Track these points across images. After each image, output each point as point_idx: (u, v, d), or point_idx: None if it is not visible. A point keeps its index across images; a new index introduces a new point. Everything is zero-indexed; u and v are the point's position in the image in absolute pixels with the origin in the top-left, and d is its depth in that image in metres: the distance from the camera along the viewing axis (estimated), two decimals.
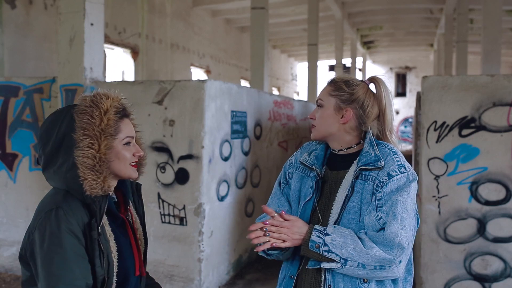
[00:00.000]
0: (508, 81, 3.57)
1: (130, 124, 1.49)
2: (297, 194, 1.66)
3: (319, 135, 1.65)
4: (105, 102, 1.40)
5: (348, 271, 1.46)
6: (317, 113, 1.65)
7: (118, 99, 1.45)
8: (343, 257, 1.44)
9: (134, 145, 1.49)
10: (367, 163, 1.53)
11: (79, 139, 1.36)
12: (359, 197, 1.52)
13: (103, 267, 1.36)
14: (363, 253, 1.44)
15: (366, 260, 1.44)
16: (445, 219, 3.68)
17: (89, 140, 1.36)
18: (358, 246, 1.44)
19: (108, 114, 1.39)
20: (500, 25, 7.15)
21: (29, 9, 7.22)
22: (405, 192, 1.49)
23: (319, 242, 1.45)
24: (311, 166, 1.64)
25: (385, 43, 20.18)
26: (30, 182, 4.74)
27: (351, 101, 1.60)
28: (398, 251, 1.44)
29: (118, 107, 1.43)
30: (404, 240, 1.45)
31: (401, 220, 1.45)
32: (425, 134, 3.70)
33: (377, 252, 1.44)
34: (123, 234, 1.49)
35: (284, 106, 6.26)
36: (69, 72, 4.36)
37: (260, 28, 7.84)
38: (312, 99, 11.99)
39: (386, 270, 1.46)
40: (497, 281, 3.62)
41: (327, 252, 1.44)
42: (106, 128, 1.38)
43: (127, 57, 9.89)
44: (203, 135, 3.99)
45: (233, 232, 4.74)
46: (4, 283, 4.49)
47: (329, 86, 1.66)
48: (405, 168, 1.52)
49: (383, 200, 1.48)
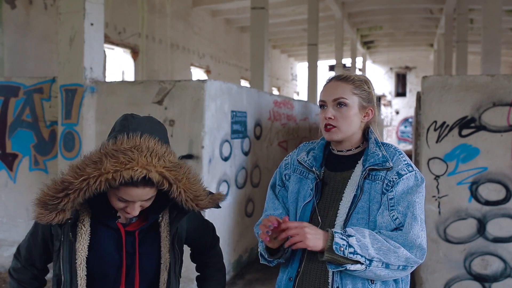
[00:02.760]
0: (508, 81, 3.56)
1: (136, 191, 1.33)
2: (295, 196, 1.64)
3: (342, 135, 1.58)
4: (108, 167, 1.27)
5: (370, 272, 1.42)
6: (338, 113, 1.56)
7: (131, 169, 1.28)
8: (368, 258, 1.40)
9: (131, 205, 1.37)
10: (376, 163, 1.53)
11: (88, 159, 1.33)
12: (367, 197, 1.51)
13: (59, 265, 1.43)
14: (391, 252, 1.42)
15: (392, 260, 1.42)
16: (445, 219, 3.68)
17: (63, 180, 1.31)
18: (384, 245, 1.42)
19: (101, 177, 1.27)
20: (500, 25, 7.16)
21: (29, 9, 7.22)
22: (419, 193, 1.50)
23: (343, 244, 1.40)
24: (310, 168, 1.62)
25: (385, 43, 20.17)
26: (30, 182, 4.74)
27: (369, 100, 1.61)
28: (418, 252, 1.45)
29: (123, 177, 1.27)
30: (424, 241, 1.47)
31: (421, 221, 1.47)
32: (425, 134, 3.70)
33: (404, 252, 1.43)
34: (113, 242, 1.46)
35: (284, 106, 6.26)
36: (69, 72, 4.36)
37: (260, 28, 7.84)
38: (312, 99, 11.98)
39: (407, 270, 1.46)
40: (497, 281, 3.62)
41: (352, 254, 1.40)
42: (84, 186, 1.28)
43: (127, 57, 9.89)
44: (203, 135, 3.99)
45: (233, 232, 4.74)
46: (4, 283, 4.49)
47: (346, 83, 1.58)
48: (412, 167, 1.54)
49: (395, 199, 1.48)
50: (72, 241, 1.41)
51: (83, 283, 1.42)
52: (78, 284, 1.41)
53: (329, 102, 1.58)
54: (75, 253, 1.41)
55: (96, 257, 1.44)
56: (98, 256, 1.44)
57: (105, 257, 1.45)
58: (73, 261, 1.41)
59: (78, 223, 1.43)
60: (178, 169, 1.37)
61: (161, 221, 1.52)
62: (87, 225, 1.44)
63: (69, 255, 1.41)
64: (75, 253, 1.41)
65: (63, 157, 4.38)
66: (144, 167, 1.29)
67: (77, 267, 1.41)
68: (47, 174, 4.68)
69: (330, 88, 1.60)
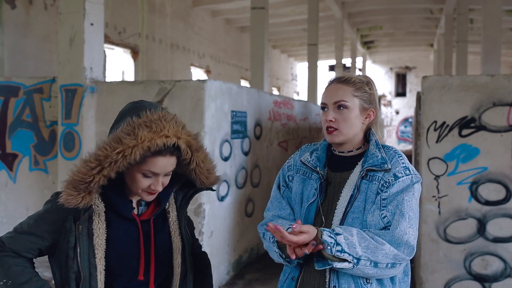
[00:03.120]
0: (508, 81, 3.57)
1: (164, 161, 1.38)
2: (299, 196, 1.65)
3: (343, 138, 1.58)
4: (144, 135, 1.31)
5: (358, 270, 1.43)
6: (339, 115, 1.57)
7: (173, 137, 1.34)
8: (356, 257, 1.41)
9: (155, 180, 1.40)
10: (374, 165, 1.54)
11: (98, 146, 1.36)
12: (363, 197, 1.52)
13: (77, 261, 1.39)
14: (378, 250, 1.42)
15: (380, 258, 1.42)
16: (445, 219, 3.68)
17: (97, 156, 1.33)
18: (371, 243, 1.43)
19: (137, 149, 1.31)
20: (500, 25, 7.16)
21: (29, 9, 7.22)
22: (410, 192, 1.51)
23: (330, 242, 1.40)
24: (314, 168, 1.63)
25: (385, 43, 20.17)
26: (30, 182, 4.74)
27: (371, 101, 1.61)
28: (405, 249, 1.45)
29: (156, 145, 1.32)
30: (412, 238, 1.46)
31: (409, 219, 1.47)
32: (425, 134, 3.70)
33: (390, 249, 1.43)
34: (130, 235, 1.47)
35: (284, 106, 6.26)
36: (69, 72, 4.36)
37: (260, 28, 7.84)
38: (312, 99, 11.99)
39: (396, 268, 1.46)
40: (497, 281, 3.62)
41: (339, 252, 1.40)
42: (120, 158, 1.31)
43: (127, 57, 9.89)
44: (203, 135, 3.99)
45: (233, 232, 4.74)
46: None
47: (346, 85, 1.59)
48: (410, 171, 1.54)
49: (388, 200, 1.49)
50: (90, 236, 1.40)
51: (102, 278, 1.41)
52: (97, 279, 1.40)
53: (330, 104, 1.59)
54: (93, 248, 1.40)
55: (116, 251, 1.44)
56: (117, 250, 1.44)
57: (125, 249, 1.45)
58: (92, 256, 1.40)
59: (94, 217, 1.42)
60: (197, 138, 1.46)
61: (168, 207, 1.55)
62: (103, 219, 1.43)
63: (88, 250, 1.40)
64: (94, 248, 1.40)
65: (63, 157, 4.38)
66: (175, 135, 1.36)
67: (97, 262, 1.40)
68: (47, 174, 4.68)
69: (331, 91, 1.61)
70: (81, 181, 1.33)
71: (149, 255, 1.48)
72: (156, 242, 1.50)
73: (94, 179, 1.33)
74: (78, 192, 1.34)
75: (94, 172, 1.32)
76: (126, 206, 1.46)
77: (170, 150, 1.37)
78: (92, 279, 1.40)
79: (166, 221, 1.55)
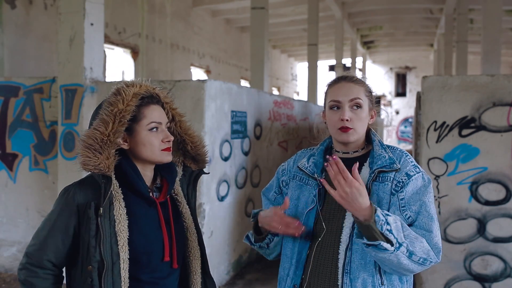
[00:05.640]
0: (508, 81, 3.57)
1: (158, 110, 1.50)
2: (294, 203, 1.62)
3: (357, 137, 1.57)
4: (126, 90, 1.44)
5: (395, 257, 1.39)
6: (354, 114, 1.54)
7: (145, 87, 1.48)
8: (399, 241, 1.39)
9: (163, 131, 1.49)
10: (384, 165, 1.54)
11: (94, 123, 1.43)
12: (375, 198, 1.51)
13: (100, 248, 1.37)
14: (417, 241, 1.43)
15: (417, 250, 1.42)
16: (445, 219, 3.68)
17: (99, 122, 1.41)
18: (411, 233, 1.44)
19: (126, 101, 1.41)
20: (500, 25, 7.16)
21: (29, 9, 7.22)
22: (430, 193, 1.53)
23: (382, 219, 1.38)
24: (311, 174, 1.61)
25: (385, 43, 20.17)
26: (30, 182, 4.74)
27: (373, 102, 1.64)
28: (435, 250, 1.47)
29: (143, 94, 1.46)
30: (440, 241, 1.48)
31: (437, 221, 1.50)
32: (425, 134, 3.70)
33: (426, 244, 1.45)
34: (151, 219, 1.48)
35: (284, 106, 6.26)
36: (69, 72, 4.36)
37: (260, 28, 7.84)
38: (312, 99, 11.99)
39: (424, 265, 1.46)
40: (497, 281, 3.62)
41: (389, 232, 1.38)
42: (120, 113, 1.40)
43: (127, 57, 9.89)
44: (203, 135, 3.99)
45: (233, 232, 4.74)
46: (4, 283, 4.49)
47: (359, 85, 1.59)
48: (419, 169, 1.56)
49: (405, 199, 1.50)
50: (112, 222, 1.39)
51: (126, 267, 1.39)
52: (121, 267, 1.38)
53: (346, 102, 1.55)
54: (115, 235, 1.38)
55: (139, 236, 1.43)
56: (141, 235, 1.43)
57: (148, 234, 1.45)
58: (114, 243, 1.38)
59: (115, 202, 1.41)
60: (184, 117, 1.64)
61: (177, 195, 1.62)
62: (123, 205, 1.42)
63: (110, 238, 1.38)
64: (116, 235, 1.39)
65: (63, 157, 4.38)
66: (146, 86, 1.51)
67: (119, 249, 1.38)
68: (47, 174, 4.68)
69: (344, 89, 1.57)
70: (95, 141, 1.39)
71: (171, 236, 1.50)
72: (175, 223, 1.54)
73: (109, 137, 1.39)
74: (94, 154, 1.38)
75: (105, 132, 1.39)
76: (144, 185, 1.48)
77: (156, 99, 1.50)
78: (115, 267, 1.38)
79: (177, 208, 1.61)
